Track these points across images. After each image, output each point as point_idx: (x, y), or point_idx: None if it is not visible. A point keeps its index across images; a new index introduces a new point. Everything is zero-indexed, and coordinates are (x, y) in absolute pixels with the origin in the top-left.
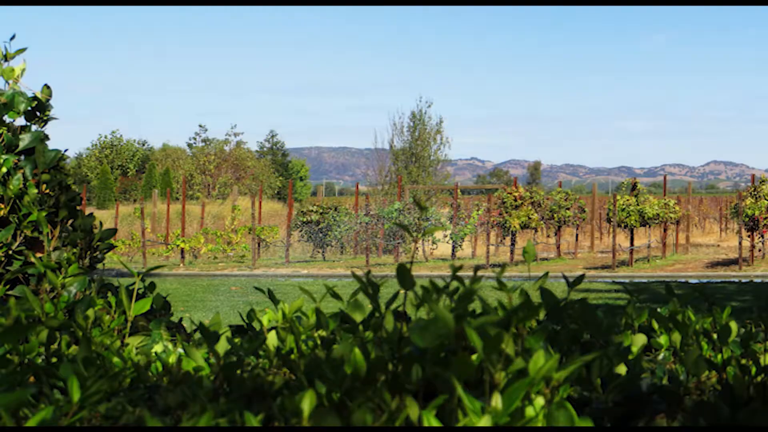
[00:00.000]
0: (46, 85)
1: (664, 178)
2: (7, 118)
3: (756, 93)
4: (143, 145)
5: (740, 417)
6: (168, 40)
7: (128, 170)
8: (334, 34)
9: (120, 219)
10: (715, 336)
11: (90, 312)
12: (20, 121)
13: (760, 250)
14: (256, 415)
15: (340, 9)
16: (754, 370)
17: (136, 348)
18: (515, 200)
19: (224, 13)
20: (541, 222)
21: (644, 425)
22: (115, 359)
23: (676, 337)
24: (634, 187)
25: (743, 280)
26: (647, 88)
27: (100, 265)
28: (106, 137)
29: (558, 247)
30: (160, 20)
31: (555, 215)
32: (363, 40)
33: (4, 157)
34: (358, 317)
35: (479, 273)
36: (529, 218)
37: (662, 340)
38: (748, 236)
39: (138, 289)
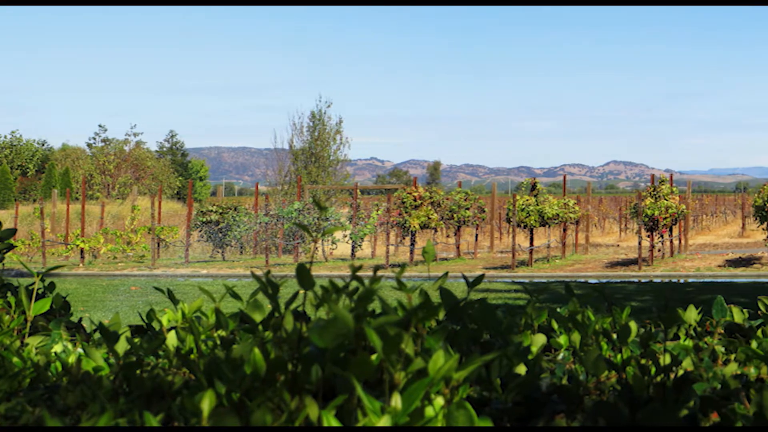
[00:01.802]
0: None
1: (564, 177)
2: None
3: (656, 93)
4: (43, 145)
5: (640, 417)
6: (66, 41)
7: (28, 170)
8: (233, 34)
9: (19, 219)
10: (614, 336)
11: None
12: None
13: (659, 250)
14: (155, 415)
15: (239, 8)
16: (653, 370)
17: (36, 348)
18: (415, 200)
19: (122, 14)
20: (441, 222)
21: (544, 425)
22: (15, 359)
23: (576, 337)
24: (533, 187)
25: (643, 280)
26: (547, 88)
27: None
28: (5, 137)
29: (458, 247)
30: (57, 21)
31: (455, 215)
32: (262, 39)
33: None
34: (258, 317)
35: (379, 273)
36: (429, 218)
37: (562, 340)
38: (648, 236)
39: (38, 289)
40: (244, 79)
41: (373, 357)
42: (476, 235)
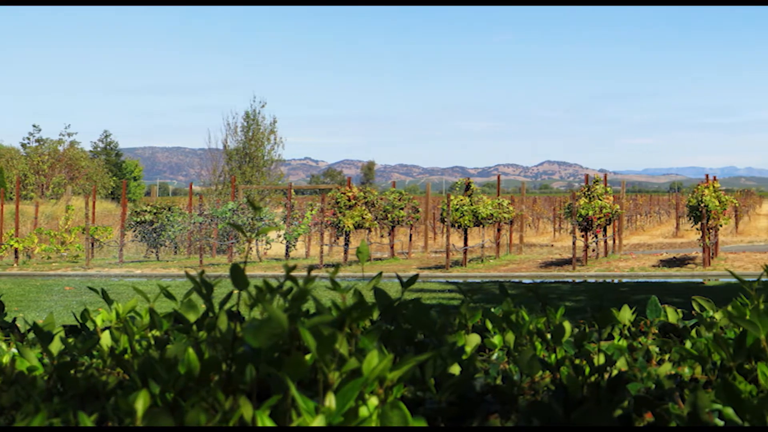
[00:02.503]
0: None
1: (498, 177)
2: None
3: (589, 94)
4: None
5: (574, 417)
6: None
7: None
8: (167, 33)
9: None
10: (548, 336)
11: None
12: None
13: (594, 250)
14: (90, 415)
15: (175, 8)
16: (587, 370)
17: None
18: (349, 200)
19: (57, 13)
20: (375, 222)
21: (478, 425)
22: None
23: (510, 337)
24: (467, 187)
25: (577, 280)
26: (482, 89)
27: None
28: None
29: (392, 247)
30: None
31: (389, 215)
32: (197, 39)
33: None
34: (192, 317)
35: (313, 273)
36: (363, 218)
37: (496, 340)
38: (582, 236)
39: None
40: (178, 79)
41: (308, 357)
42: (410, 235)
